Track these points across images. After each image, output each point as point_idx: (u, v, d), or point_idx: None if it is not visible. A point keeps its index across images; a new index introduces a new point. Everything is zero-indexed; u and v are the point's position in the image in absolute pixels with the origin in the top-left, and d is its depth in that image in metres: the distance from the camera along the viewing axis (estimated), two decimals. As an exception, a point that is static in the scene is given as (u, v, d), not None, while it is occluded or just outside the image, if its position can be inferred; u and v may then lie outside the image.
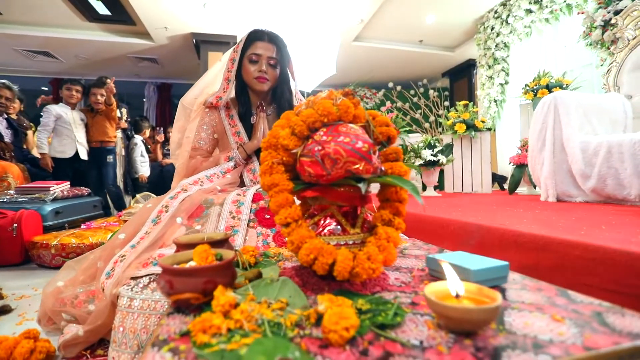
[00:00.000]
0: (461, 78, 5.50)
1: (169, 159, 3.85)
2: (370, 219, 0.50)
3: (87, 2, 3.63)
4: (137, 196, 1.98)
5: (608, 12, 2.06)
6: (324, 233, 0.47)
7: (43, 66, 5.35)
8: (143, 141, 3.64)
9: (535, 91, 2.68)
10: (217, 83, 1.27)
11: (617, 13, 2.02)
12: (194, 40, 4.32)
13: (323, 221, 0.48)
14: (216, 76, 1.31)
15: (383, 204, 0.49)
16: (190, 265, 0.45)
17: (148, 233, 0.85)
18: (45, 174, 2.92)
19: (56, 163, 2.82)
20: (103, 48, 4.65)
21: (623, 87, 2.00)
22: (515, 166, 2.54)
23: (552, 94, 1.86)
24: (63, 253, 1.59)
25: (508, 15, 3.52)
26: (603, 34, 2.10)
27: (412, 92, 4.73)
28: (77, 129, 2.80)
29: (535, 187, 2.48)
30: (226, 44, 4.31)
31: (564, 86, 2.56)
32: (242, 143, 1.16)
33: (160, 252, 0.76)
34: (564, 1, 2.96)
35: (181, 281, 0.39)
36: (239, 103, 1.23)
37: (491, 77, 3.83)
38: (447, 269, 0.36)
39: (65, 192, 2.20)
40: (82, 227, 1.96)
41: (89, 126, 2.86)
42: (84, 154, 2.85)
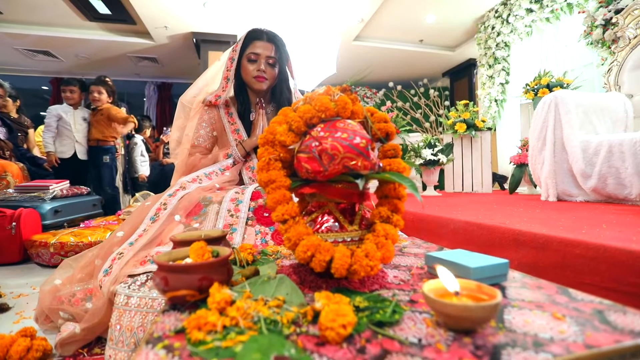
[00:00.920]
0: (461, 77, 5.49)
1: (170, 159, 3.84)
2: (368, 216, 0.50)
3: (88, 2, 3.63)
4: (137, 195, 1.98)
5: (609, 11, 2.06)
6: (322, 230, 0.46)
7: (43, 65, 5.35)
8: (143, 140, 3.64)
9: (535, 90, 2.67)
10: (216, 82, 1.27)
11: (618, 12, 2.01)
12: (194, 39, 4.32)
13: (321, 218, 0.47)
14: (215, 75, 1.30)
15: (381, 201, 0.49)
16: (186, 262, 0.45)
17: (146, 231, 0.85)
18: (44, 173, 2.92)
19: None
20: (103, 47, 4.65)
21: (624, 86, 1.99)
22: (515, 166, 2.53)
23: (553, 94, 1.85)
24: (62, 252, 1.58)
25: (509, 14, 3.51)
26: (604, 33, 2.09)
27: (413, 92, 4.72)
28: (77, 129, 2.79)
29: (535, 187, 2.48)
30: (226, 43, 4.30)
31: (565, 85, 2.55)
32: (241, 140, 1.16)
33: (157, 250, 0.76)
34: (565, 0, 2.95)
35: (176, 278, 0.39)
36: (238, 102, 1.23)
37: (492, 77, 3.82)
38: (441, 270, 0.36)
39: (64, 191, 2.20)
40: (81, 226, 1.95)
41: (90, 125, 2.86)
42: (83, 154, 2.85)
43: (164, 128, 3.87)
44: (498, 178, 3.49)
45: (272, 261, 0.62)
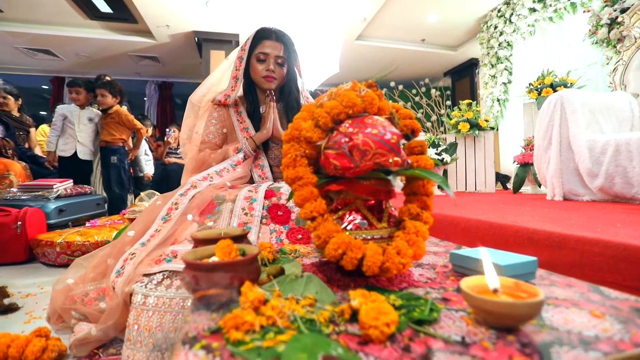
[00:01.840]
0: (463, 77, 5.49)
1: (172, 158, 3.83)
2: (395, 214, 0.49)
3: (89, 0, 3.61)
4: (142, 194, 1.97)
5: (614, 10, 2.05)
6: (350, 228, 0.46)
7: (44, 64, 5.33)
8: (146, 139, 3.63)
9: (539, 90, 2.67)
10: (224, 81, 1.26)
11: (624, 11, 2.01)
12: (196, 38, 4.30)
13: (348, 215, 0.47)
14: (223, 74, 1.30)
15: (410, 198, 0.48)
16: (213, 260, 0.44)
17: (158, 231, 0.84)
18: (46, 172, 2.90)
19: (58, 161, 2.82)
20: (104, 46, 4.63)
21: (630, 86, 1.99)
22: (519, 165, 2.53)
23: (559, 93, 1.85)
24: (68, 251, 1.57)
25: (512, 14, 3.51)
26: (609, 32, 2.09)
27: (414, 92, 4.72)
28: (81, 129, 2.78)
29: (540, 186, 2.47)
30: (228, 43, 4.29)
31: (569, 85, 2.55)
32: (251, 135, 1.15)
33: (172, 249, 0.75)
34: (568, 0, 2.95)
35: (207, 276, 0.38)
36: (247, 101, 1.22)
37: (494, 76, 3.82)
38: (487, 264, 0.35)
39: (68, 190, 2.19)
40: (87, 225, 1.94)
41: (100, 126, 2.86)
42: (85, 154, 2.84)
43: (167, 129, 3.85)
44: (500, 178, 3.50)
45: (292, 260, 0.62)
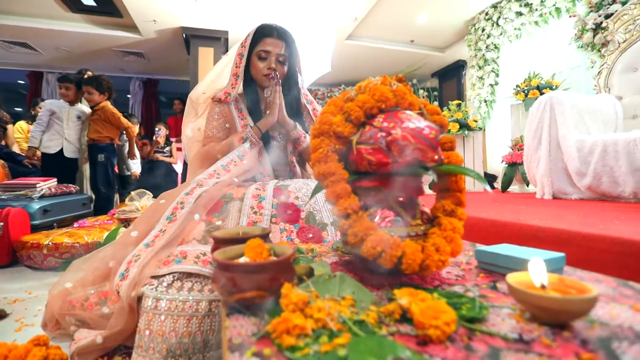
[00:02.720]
0: (450, 79, 5.59)
1: (161, 155, 3.71)
2: (426, 210, 0.48)
3: (71, -8, 3.47)
4: (132, 193, 1.90)
5: (599, 16, 2.14)
6: (384, 225, 0.45)
7: (20, 58, 5.08)
8: (131, 138, 3.50)
9: (526, 92, 2.76)
10: (224, 78, 1.23)
11: (608, 17, 2.09)
12: (184, 34, 4.20)
13: (380, 212, 0.46)
14: (222, 71, 1.26)
15: (443, 194, 0.48)
16: (243, 260, 0.42)
17: (163, 231, 0.80)
18: (26, 170, 2.77)
19: (42, 158, 2.69)
20: (86, 40, 4.46)
21: (614, 89, 2.07)
22: (507, 165, 2.60)
23: (548, 94, 1.90)
24: (56, 253, 1.50)
25: (499, 17, 3.60)
26: (594, 37, 2.17)
27: (404, 92, 4.77)
28: (69, 126, 2.67)
29: (527, 185, 2.54)
30: (217, 40, 4.21)
31: (554, 87, 2.64)
32: (256, 124, 1.10)
33: (181, 249, 0.72)
34: (554, 5, 3.05)
35: (246, 278, 0.36)
36: (247, 99, 1.19)
37: (481, 78, 3.91)
38: (534, 262, 0.35)
39: (53, 190, 2.08)
40: (75, 226, 1.85)
41: (87, 123, 2.74)
42: (70, 152, 2.72)
43: (156, 129, 3.74)
44: (488, 177, 3.58)
45: (312, 259, 0.60)
